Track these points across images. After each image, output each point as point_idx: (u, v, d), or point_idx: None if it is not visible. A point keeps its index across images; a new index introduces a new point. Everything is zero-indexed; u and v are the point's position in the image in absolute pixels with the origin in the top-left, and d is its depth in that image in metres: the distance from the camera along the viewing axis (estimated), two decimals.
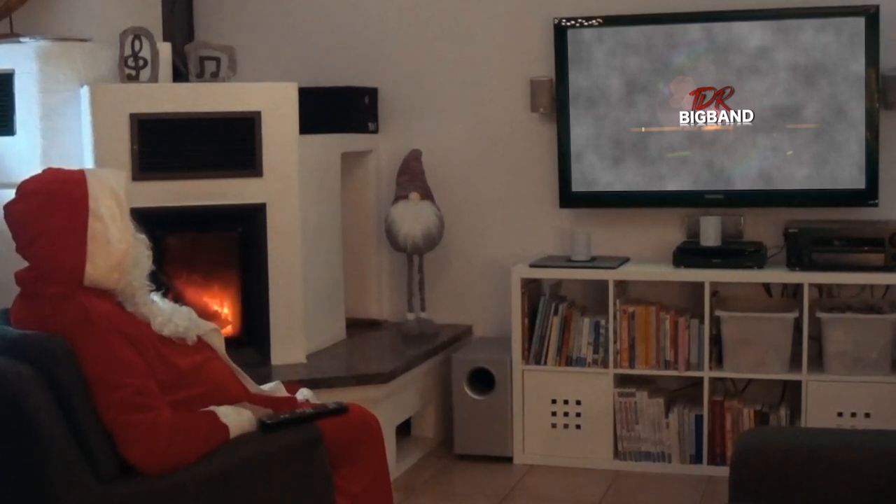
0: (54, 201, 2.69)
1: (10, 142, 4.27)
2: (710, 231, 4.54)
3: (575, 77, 4.72)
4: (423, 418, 4.89)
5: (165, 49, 4.47)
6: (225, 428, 2.74)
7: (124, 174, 2.86)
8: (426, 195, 4.83)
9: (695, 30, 4.60)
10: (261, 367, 4.21)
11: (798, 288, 4.46)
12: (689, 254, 4.55)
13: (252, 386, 2.99)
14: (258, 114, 4.28)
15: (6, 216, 2.74)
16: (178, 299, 3.16)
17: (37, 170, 3.91)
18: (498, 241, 5.07)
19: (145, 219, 2.85)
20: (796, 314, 4.38)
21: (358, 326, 5.00)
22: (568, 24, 4.71)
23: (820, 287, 4.54)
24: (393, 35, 5.16)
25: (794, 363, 4.40)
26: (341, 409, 2.97)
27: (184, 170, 4.22)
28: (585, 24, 4.69)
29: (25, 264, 2.76)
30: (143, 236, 2.84)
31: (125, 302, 2.77)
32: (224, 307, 4.42)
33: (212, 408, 2.77)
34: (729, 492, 2.69)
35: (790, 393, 4.54)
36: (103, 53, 4.34)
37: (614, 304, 4.51)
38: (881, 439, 2.71)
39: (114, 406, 2.59)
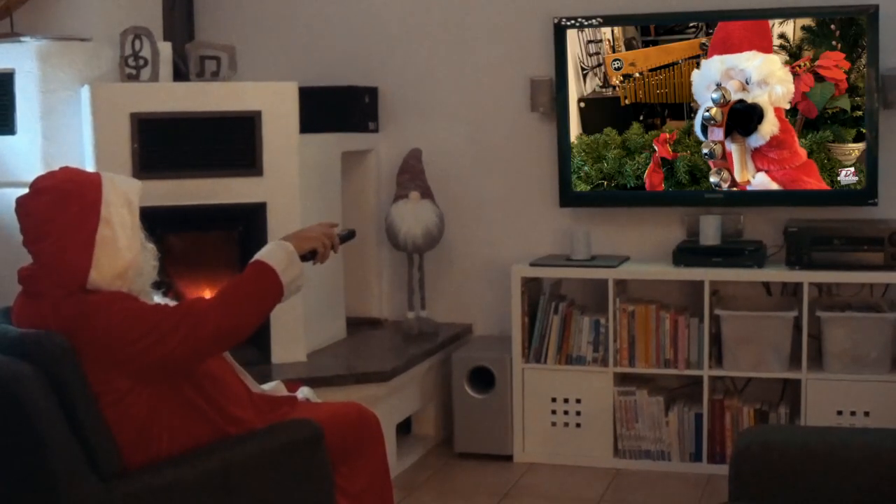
0: (67, 201, 2.68)
1: (10, 141, 4.28)
2: (710, 230, 4.55)
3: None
4: (423, 417, 4.90)
5: (166, 48, 4.48)
6: (271, 271, 2.81)
7: (139, 183, 2.86)
8: (426, 194, 4.84)
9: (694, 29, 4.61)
10: (261, 365, 4.21)
11: (798, 287, 4.47)
12: (688, 253, 4.55)
13: (253, 385, 3.00)
14: (258, 113, 4.29)
15: (17, 209, 2.73)
16: (179, 299, 3.17)
17: (38, 169, 3.97)
18: (498, 240, 5.07)
19: (145, 218, 2.85)
20: (796, 313, 4.39)
21: (358, 325, 5.00)
22: (568, 24, 4.71)
23: (819, 286, 4.55)
24: (393, 35, 5.16)
25: (794, 362, 4.41)
26: (351, 234, 3.16)
27: (184, 169, 4.23)
28: (585, 23, 4.70)
29: (26, 263, 2.76)
30: (152, 246, 2.84)
31: None
32: None
33: (257, 256, 2.85)
34: (728, 490, 2.69)
35: (790, 391, 4.54)
36: (104, 53, 4.34)
37: (614, 303, 4.52)
38: (881, 438, 2.71)
39: (152, 345, 2.61)
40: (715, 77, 4.40)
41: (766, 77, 4.15)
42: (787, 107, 4.40)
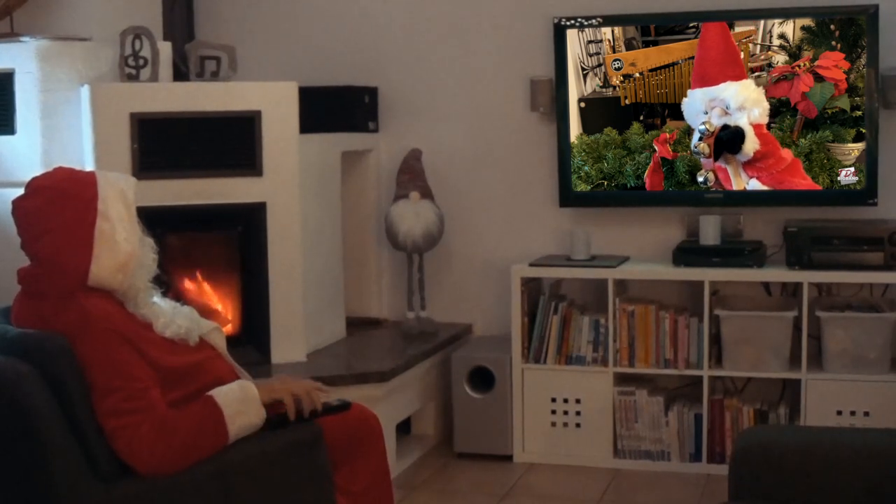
0: (64, 199, 2.69)
1: (10, 141, 4.28)
2: (710, 230, 4.55)
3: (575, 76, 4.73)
4: (423, 417, 4.90)
5: (166, 48, 4.48)
6: (220, 414, 2.69)
7: (134, 179, 2.86)
8: (426, 194, 4.84)
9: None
10: (261, 365, 4.21)
11: (797, 287, 4.47)
12: (688, 253, 4.55)
13: None
14: (258, 113, 4.29)
15: (14, 211, 2.74)
16: (179, 298, 3.17)
17: (37, 169, 3.97)
18: (498, 240, 5.07)
19: (146, 218, 2.85)
20: (796, 313, 4.39)
21: (358, 325, 5.00)
22: (568, 24, 4.71)
23: (819, 286, 4.55)
24: (393, 35, 5.16)
25: (794, 362, 4.41)
26: (345, 406, 2.98)
27: (184, 169, 4.23)
28: (585, 24, 4.70)
29: (26, 262, 2.76)
30: (150, 240, 2.84)
31: (127, 303, 2.77)
32: (224, 306, 4.42)
33: (212, 392, 2.73)
34: (728, 490, 2.70)
35: (789, 391, 4.54)
36: (103, 53, 4.34)
37: (614, 303, 4.52)
38: (880, 438, 2.71)
39: (105, 412, 2.59)
40: (700, 107, 4.58)
41: (742, 103, 4.50)
42: (766, 121, 4.50)
